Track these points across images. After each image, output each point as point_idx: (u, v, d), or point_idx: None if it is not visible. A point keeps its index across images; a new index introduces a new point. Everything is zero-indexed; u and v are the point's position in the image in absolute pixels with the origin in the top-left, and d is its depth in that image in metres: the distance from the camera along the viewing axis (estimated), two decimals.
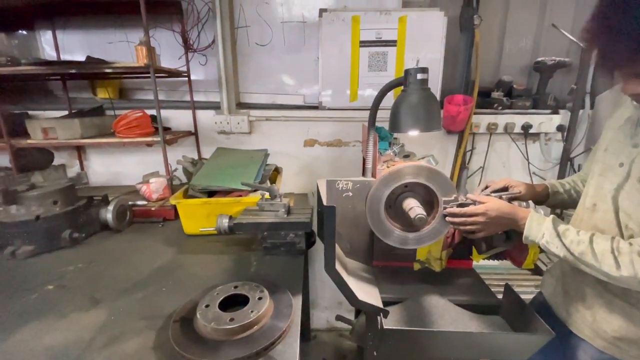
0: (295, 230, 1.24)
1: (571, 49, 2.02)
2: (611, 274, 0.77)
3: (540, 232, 0.88)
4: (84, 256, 1.31)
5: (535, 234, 0.89)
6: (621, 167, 0.86)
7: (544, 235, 0.87)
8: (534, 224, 0.90)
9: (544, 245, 0.88)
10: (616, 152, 0.90)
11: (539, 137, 2.08)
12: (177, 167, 1.78)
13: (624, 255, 0.76)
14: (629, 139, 0.87)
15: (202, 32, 1.98)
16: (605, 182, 0.91)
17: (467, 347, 1.08)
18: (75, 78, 1.94)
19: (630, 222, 0.81)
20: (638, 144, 0.84)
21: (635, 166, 0.82)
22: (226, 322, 0.81)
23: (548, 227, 0.87)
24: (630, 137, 0.87)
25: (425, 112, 0.99)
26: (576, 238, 0.83)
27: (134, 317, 0.93)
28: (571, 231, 0.85)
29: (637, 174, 0.80)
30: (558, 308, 1.08)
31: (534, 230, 0.90)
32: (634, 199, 0.80)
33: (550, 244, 0.86)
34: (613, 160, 0.90)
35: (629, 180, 0.83)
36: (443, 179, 1.14)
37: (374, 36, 1.95)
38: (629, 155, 0.85)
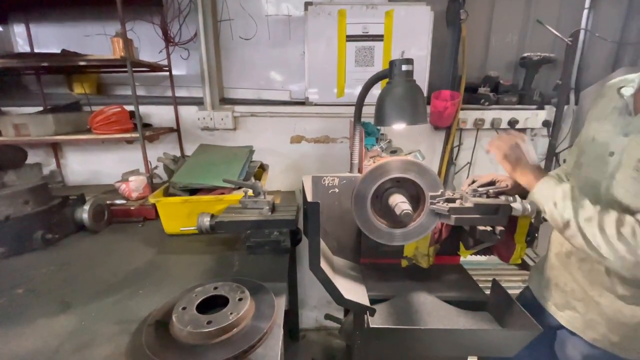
0: (280, 228, 1.20)
1: (556, 45, 2.03)
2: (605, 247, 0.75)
3: (555, 191, 0.85)
4: (57, 258, 1.25)
5: (547, 193, 0.86)
6: (611, 156, 0.85)
7: (556, 194, 0.84)
8: (552, 182, 0.88)
9: (550, 209, 0.85)
10: (605, 141, 0.89)
11: (525, 132, 2.08)
12: (158, 164, 1.72)
13: (627, 226, 0.74)
14: (619, 129, 0.86)
15: (183, 25, 1.91)
16: (594, 172, 0.90)
17: (455, 344, 1.07)
18: (50, 72, 1.86)
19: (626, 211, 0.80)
20: (629, 133, 0.83)
21: (627, 154, 0.81)
22: (203, 325, 0.77)
23: (565, 188, 0.84)
24: (620, 127, 0.86)
25: (410, 104, 0.97)
26: (589, 205, 0.80)
27: (107, 322, 0.88)
28: (585, 200, 0.82)
29: (632, 162, 0.79)
30: (546, 302, 1.08)
31: (549, 189, 0.87)
32: (631, 188, 0.78)
33: (559, 205, 0.83)
34: (602, 150, 0.89)
35: (622, 169, 0.82)
36: (429, 173, 1.12)
37: (360, 30, 1.92)
38: (619, 144, 0.84)
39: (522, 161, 0.96)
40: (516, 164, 0.96)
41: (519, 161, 0.96)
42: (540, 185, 0.89)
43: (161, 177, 1.87)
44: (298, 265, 2.07)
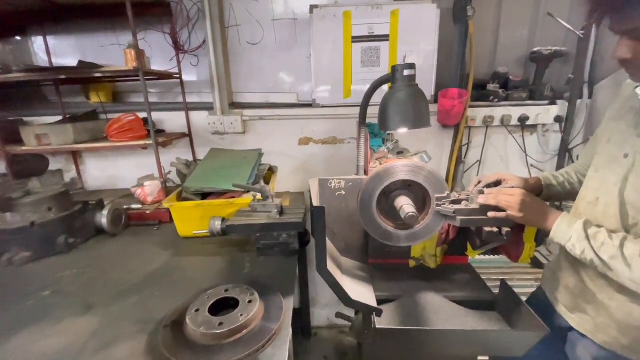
0: (288, 230, 1.24)
1: (568, 38, 1.98)
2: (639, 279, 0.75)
3: (569, 234, 0.86)
4: (80, 261, 1.32)
5: (562, 236, 0.87)
6: (626, 158, 0.84)
7: (572, 237, 0.85)
8: (564, 225, 0.88)
9: (571, 249, 0.86)
10: (620, 143, 0.87)
11: (536, 129, 2.05)
12: (171, 169, 1.78)
13: None
14: (633, 129, 0.84)
15: (192, 33, 1.96)
16: (609, 174, 0.88)
17: (462, 344, 1.08)
18: (68, 83, 1.94)
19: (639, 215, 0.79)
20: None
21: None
22: (215, 326, 0.81)
23: (578, 228, 0.84)
24: (635, 127, 0.84)
25: (413, 109, 0.98)
26: (608, 241, 0.80)
27: (127, 322, 0.94)
28: (602, 234, 0.81)
29: None
30: (557, 303, 1.07)
31: (562, 232, 0.87)
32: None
33: (577, 247, 0.84)
34: (617, 152, 0.87)
35: (634, 171, 0.81)
36: (433, 176, 1.13)
37: (366, 31, 1.93)
38: (634, 146, 0.82)
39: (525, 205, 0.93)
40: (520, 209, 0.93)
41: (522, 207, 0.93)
42: (555, 227, 0.89)
43: (174, 182, 1.94)
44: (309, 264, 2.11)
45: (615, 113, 0.95)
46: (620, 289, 0.86)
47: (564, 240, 0.88)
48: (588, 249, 0.82)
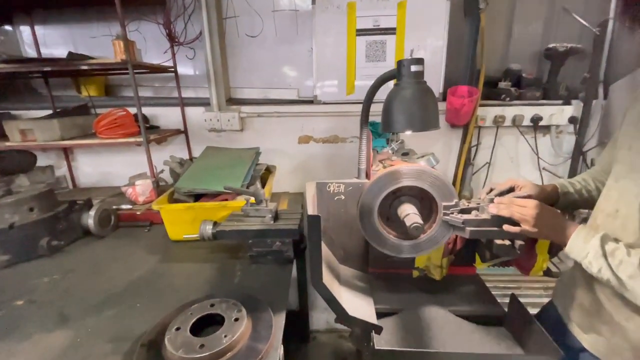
0: (282, 237, 1.15)
1: (583, 35, 1.86)
2: None
3: (585, 250, 0.78)
4: (62, 266, 1.24)
5: (578, 252, 0.80)
6: None
7: (588, 254, 0.77)
8: (580, 240, 0.80)
9: (587, 266, 0.79)
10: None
11: (549, 129, 1.94)
12: (164, 168, 1.70)
13: None
14: None
15: (188, 24, 1.87)
16: (631, 185, 0.79)
17: None
18: (57, 75, 1.86)
19: None
20: None
21: None
22: (195, 349, 0.72)
23: (594, 245, 0.77)
24: None
25: (420, 109, 0.88)
26: (626, 259, 0.72)
27: (101, 339, 0.85)
28: (620, 251, 0.74)
29: None
30: (570, 322, 0.98)
31: (578, 248, 0.80)
32: None
33: (594, 264, 0.76)
34: (639, 160, 0.79)
35: None
36: (441, 182, 1.04)
37: (371, 24, 1.82)
38: None
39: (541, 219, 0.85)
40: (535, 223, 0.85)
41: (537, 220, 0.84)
42: (571, 242, 0.81)
43: (167, 181, 1.85)
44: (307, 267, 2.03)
45: (637, 118, 0.85)
46: (639, 310, 0.77)
47: (579, 256, 0.80)
48: (605, 268, 0.75)
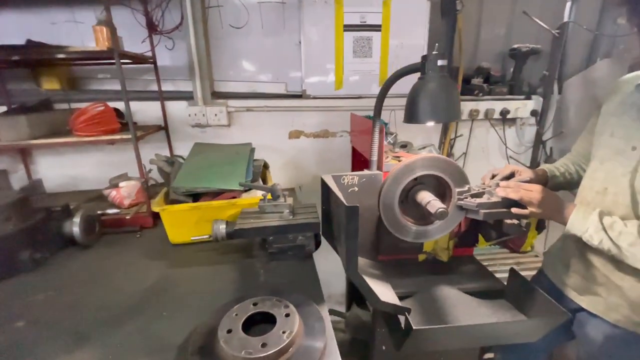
0: (304, 232, 1.15)
1: (540, 36, 2.11)
2: None
3: (585, 226, 0.89)
4: (52, 281, 1.10)
5: (579, 228, 0.91)
6: (634, 150, 0.89)
7: (588, 229, 0.88)
8: (580, 217, 0.91)
9: (588, 239, 0.89)
10: (626, 136, 0.93)
11: (514, 122, 2.17)
12: (151, 167, 1.57)
13: None
14: (638, 123, 0.90)
15: (166, 12, 1.73)
16: (616, 166, 0.93)
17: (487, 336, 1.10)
18: (14, 66, 1.60)
19: None
20: None
21: None
22: (258, 348, 0.71)
23: (594, 220, 0.88)
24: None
25: (445, 101, 0.94)
26: (625, 230, 0.84)
27: (137, 353, 0.79)
28: (618, 223, 0.86)
29: None
30: (566, 287, 1.12)
31: (579, 224, 0.91)
32: None
33: (595, 237, 0.88)
34: (623, 145, 0.93)
35: None
36: (455, 169, 1.12)
37: (358, 20, 1.86)
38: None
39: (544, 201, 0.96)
40: (539, 205, 0.96)
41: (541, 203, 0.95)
42: (571, 220, 0.93)
43: (156, 180, 1.72)
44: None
45: (616, 108, 1.00)
46: (632, 271, 0.92)
47: (580, 231, 0.92)
48: (606, 239, 0.87)
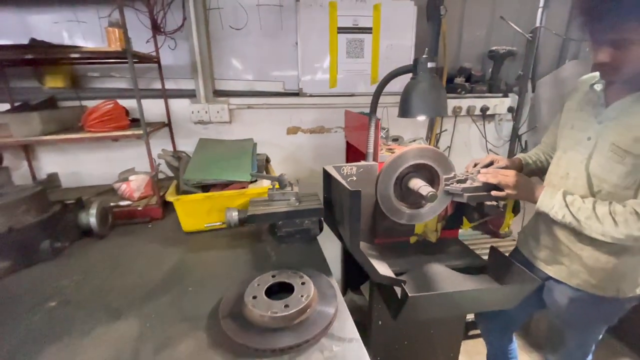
0: (311, 217, 1.27)
1: (516, 39, 2.30)
2: (610, 232, 0.96)
3: (552, 203, 1.05)
4: (75, 267, 1.18)
5: (547, 205, 1.06)
6: (589, 140, 1.06)
7: (554, 206, 1.04)
8: (547, 197, 1.07)
9: (554, 215, 1.05)
10: (582, 129, 1.10)
11: (493, 117, 2.36)
12: (160, 161, 1.65)
13: (619, 215, 0.94)
14: (594, 118, 1.07)
15: (168, 13, 1.80)
16: (575, 154, 1.10)
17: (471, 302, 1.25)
18: (19, 64, 1.64)
19: (604, 183, 1.01)
20: (602, 121, 1.04)
21: (601, 139, 1.02)
22: (282, 308, 0.83)
23: (559, 199, 1.04)
24: (595, 116, 1.07)
25: (434, 98, 1.09)
26: (583, 206, 1.00)
27: (171, 322, 0.89)
28: (577, 200, 1.02)
29: (606, 145, 1.00)
30: (536, 260, 1.30)
31: (547, 202, 1.06)
32: (606, 166, 1.00)
33: (559, 213, 1.04)
34: (580, 135, 1.10)
35: (597, 150, 1.03)
36: (443, 158, 1.27)
37: (351, 23, 1.99)
38: (595, 131, 1.05)
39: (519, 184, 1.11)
40: (514, 187, 1.11)
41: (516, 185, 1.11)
42: (541, 199, 1.09)
43: (165, 174, 1.80)
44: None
45: (576, 105, 1.18)
46: (590, 242, 1.08)
47: (547, 208, 1.08)
48: (567, 214, 1.04)
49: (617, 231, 0.96)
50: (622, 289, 1.09)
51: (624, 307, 1.14)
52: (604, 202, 0.99)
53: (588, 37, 0.94)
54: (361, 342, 0.80)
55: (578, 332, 1.23)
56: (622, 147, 0.97)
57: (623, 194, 1.00)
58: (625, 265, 1.07)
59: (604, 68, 0.97)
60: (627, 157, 0.96)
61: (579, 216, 1.01)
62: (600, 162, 1.03)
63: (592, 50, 0.96)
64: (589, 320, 1.19)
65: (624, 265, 1.07)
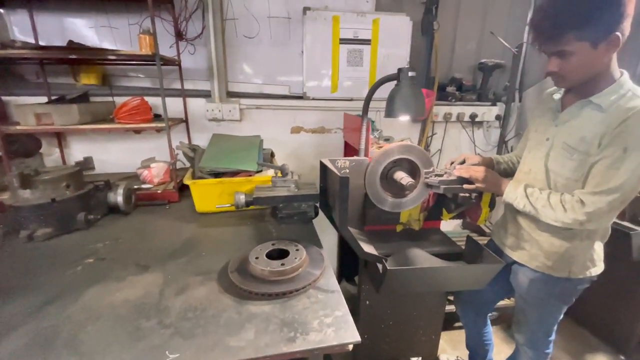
0: (307, 201, 1.47)
1: (504, 53, 2.50)
2: (561, 218, 1.13)
3: (515, 195, 1.23)
4: (106, 235, 1.39)
5: (511, 197, 1.25)
6: (547, 140, 1.25)
7: (517, 197, 1.22)
8: (511, 189, 1.25)
9: (516, 205, 1.23)
10: (543, 131, 1.29)
11: (482, 124, 2.55)
12: (178, 152, 1.87)
13: (568, 203, 1.12)
14: (552, 121, 1.26)
15: (189, 23, 2.04)
16: (537, 153, 1.29)
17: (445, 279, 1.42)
18: (58, 63, 1.88)
19: (558, 177, 1.19)
20: (558, 124, 1.23)
21: (556, 139, 1.21)
22: (279, 266, 1.02)
23: (520, 191, 1.22)
24: (552, 120, 1.26)
25: (414, 102, 1.29)
26: (540, 196, 1.18)
27: (189, 274, 1.09)
28: (536, 192, 1.19)
29: (559, 144, 1.18)
30: (504, 247, 1.47)
31: (511, 194, 1.24)
32: (559, 161, 1.18)
33: (520, 203, 1.21)
34: (541, 137, 1.29)
35: (553, 148, 1.22)
36: (423, 154, 1.47)
37: (351, 35, 2.21)
38: (552, 132, 1.24)
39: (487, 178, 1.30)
40: (483, 181, 1.30)
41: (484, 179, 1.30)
42: (506, 191, 1.27)
43: (183, 163, 2.02)
44: None
45: (539, 112, 1.37)
46: (546, 228, 1.25)
47: (511, 199, 1.26)
48: (527, 204, 1.21)
49: (566, 216, 1.13)
50: (573, 270, 1.27)
51: (576, 287, 1.31)
52: (557, 193, 1.17)
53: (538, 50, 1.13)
54: (341, 294, 0.99)
55: (538, 309, 1.40)
56: (571, 145, 1.15)
57: (574, 186, 1.17)
58: (575, 249, 1.24)
59: (553, 77, 1.16)
60: (575, 154, 1.14)
61: (537, 205, 1.19)
62: (556, 159, 1.21)
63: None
64: (546, 298, 1.36)
65: (574, 249, 1.24)
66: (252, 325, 0.85)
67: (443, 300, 1.82)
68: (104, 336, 0.82)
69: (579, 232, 1.22)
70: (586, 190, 1.12)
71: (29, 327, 0.85)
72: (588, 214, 1.09)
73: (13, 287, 1.02)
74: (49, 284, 1.03)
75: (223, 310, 0.91)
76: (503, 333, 2.42)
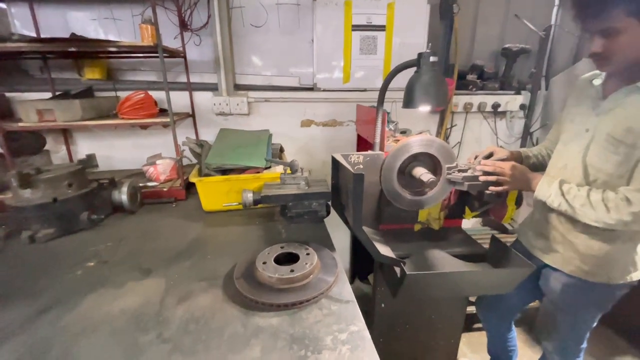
0: (318, 199, 1.37)
1: (530, 37, 2.32)
2: (603, 218, 1.01)
3: (549, 192, 1.10)
4: (109, 236, 1.33)
5: (543, 194, 1.12)
6: (587, 132, 1.11)
7: (551, 194, 1.10)
8: (545, 185, 1.12)
9: (550, 203, 1.11)
10: (581, 122, 1.15)
11: (505, 114, 2.39)
12: (184, 148, 1.80)
13: (611, 202, 1.00)
14: (592, 110, 1.12)
15: (194, 12, 1.95)
16: (574, 146, 1.15)
17: (468, 284, 1.32)
18: (59, 57, 1.83)
19: (599, 173, 1.06)
20: (599, 114, 1.09)
21: (598, 130, 1.07)
22: (288, 272, 0.94)
23: (555, 188, 1.09)
24: (593, 109, 1.12)
25: (436, 90, 1.17)
26: (578, 194, 1.05)
27: (193, 280, 1.02)
28: (573, 189, 1.07)
29: (602, 136, 1.05)
30: (534, 249, 1.35)
31: (544, 191, 1.12)
32: (602, 156, 1.05)
33: (555, 201, 1.09)
34: (579, 128, 1.15)
35: (594, 141, 1.08)
36: (445, 148, 1.35)
37: (364, 21, 2.08)
38: (592, 123, 1.10)
39: (515, 174, 1.17)
40: (510, 177, 1.17)
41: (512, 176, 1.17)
42: (538, 188, 1.14)
43: (190, 159, 1.95)
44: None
45: (575, 101, 1.23)
46: (583, 229, 1.13)
47: (545, 197, 1.14)
48: (563, 202, 1.09)
49: (608, 217, 1.01)
50: (613, 276, 1.14)
51: (614, 293, 1.18)
52: (598, 190, 1.04)
53: (580, 29, 0.99)
54: (356, 304, 0.90)
55: (570, 316, 1.28)
56: (616, 137, 1.02)
57: (617, 183, 1.04)
58: (616, 252, 1.12)
59: (596, 58, 1.02)
60: (620, 147, 1.01)
61: (574, 204, 1.06)
62: (597, 153, 1.07)
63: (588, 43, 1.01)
64: (581, 304, 1.24)
65: (615, 252, 1.12)
66: (259, 341, 0.77)
67: (464, 303, 1.71)
68: (97, 352, 0.75)
69: (621, 233, 1.10)
70: (633, 187, 0.99)
71: (22, 339, 0.80)
72: (634, 214, 0.97)
73: (10, 293, 0.97)
74: (46, 290, 0.98)
75: (227, 323, 0.83)
76: (525, 335, 2.29)
